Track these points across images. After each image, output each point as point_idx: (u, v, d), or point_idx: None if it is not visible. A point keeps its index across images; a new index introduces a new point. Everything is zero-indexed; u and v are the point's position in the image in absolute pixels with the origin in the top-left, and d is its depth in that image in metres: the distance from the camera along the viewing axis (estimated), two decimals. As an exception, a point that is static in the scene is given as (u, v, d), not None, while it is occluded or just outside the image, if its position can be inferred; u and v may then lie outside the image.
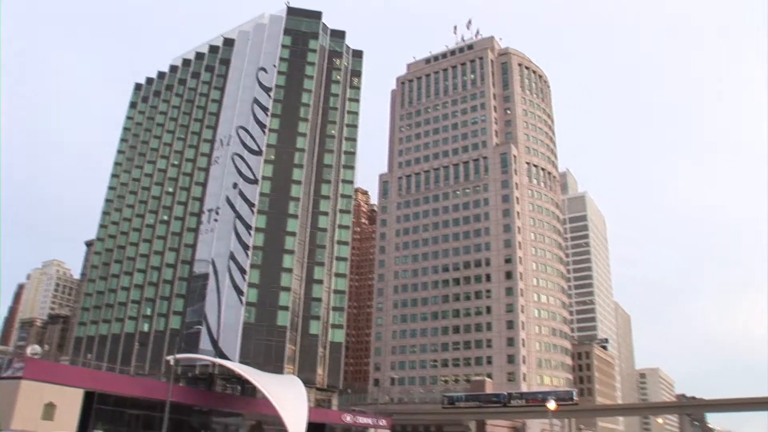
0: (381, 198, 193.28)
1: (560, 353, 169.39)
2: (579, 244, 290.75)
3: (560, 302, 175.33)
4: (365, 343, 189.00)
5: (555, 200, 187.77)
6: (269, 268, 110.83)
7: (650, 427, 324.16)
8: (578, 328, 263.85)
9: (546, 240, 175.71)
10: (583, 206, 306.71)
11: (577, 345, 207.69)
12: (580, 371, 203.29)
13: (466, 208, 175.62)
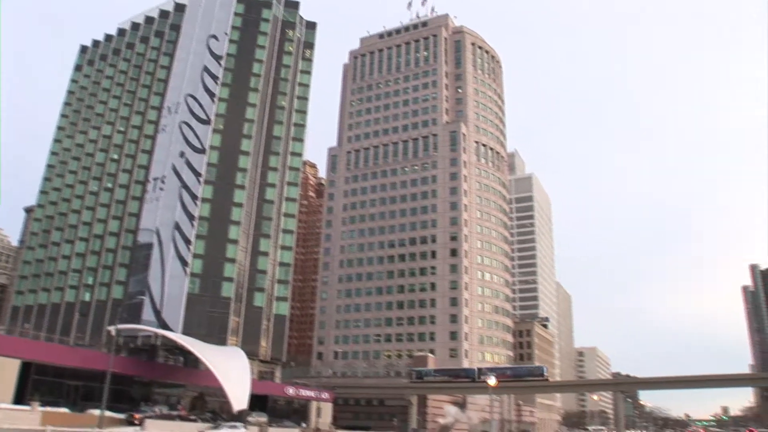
0: (329, 172, 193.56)
1: (502, 331, 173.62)
2: (524, 224, 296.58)
3: (503, 281, 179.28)
4: (310, 317, 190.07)
5: (502, 180, 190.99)
6: (214, 239, 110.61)
7: (586, 403, 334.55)
8: (520, 306, 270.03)
9: (492, 219, 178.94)
10: (529, 187, 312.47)
11: (518, 323, 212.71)
12: (521, 349, 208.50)
13: (414, 184, 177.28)
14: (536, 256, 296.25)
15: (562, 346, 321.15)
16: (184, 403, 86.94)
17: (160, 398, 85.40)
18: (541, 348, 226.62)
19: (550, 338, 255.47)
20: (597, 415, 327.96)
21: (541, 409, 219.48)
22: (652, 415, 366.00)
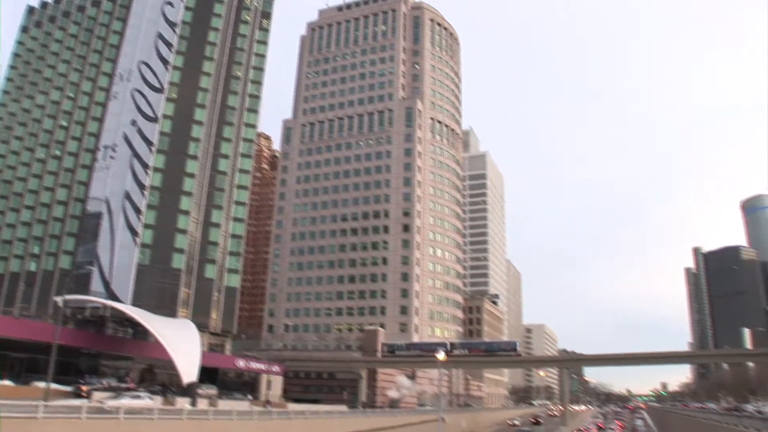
0: (283, 144, 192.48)
1: (452, 306, 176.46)
2: (477, 201, 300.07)
3: (455, 257, 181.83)
4: (261, 290, 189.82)
5: (456, 157, 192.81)
6: (166, 210, 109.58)
7: (532, 378, 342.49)
8: (471, 283, 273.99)
9: (445, 196, 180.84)
10: (483, 165, 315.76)
11: (468, 299, 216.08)
12: (471, 324, 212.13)
13: (368, 159, 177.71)
14: (488, 233, 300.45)
15: (511, 322, 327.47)
16: (132, 375, 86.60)
17: (108, 370, 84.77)
18: (491, 324, 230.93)
19: (500, 315, 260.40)
20: (543, 390, 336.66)
21: (489, 384, 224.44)
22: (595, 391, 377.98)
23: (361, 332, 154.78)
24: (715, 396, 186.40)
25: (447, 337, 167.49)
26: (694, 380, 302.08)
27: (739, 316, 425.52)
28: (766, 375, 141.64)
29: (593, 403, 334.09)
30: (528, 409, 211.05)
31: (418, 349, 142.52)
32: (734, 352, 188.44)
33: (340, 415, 78.53)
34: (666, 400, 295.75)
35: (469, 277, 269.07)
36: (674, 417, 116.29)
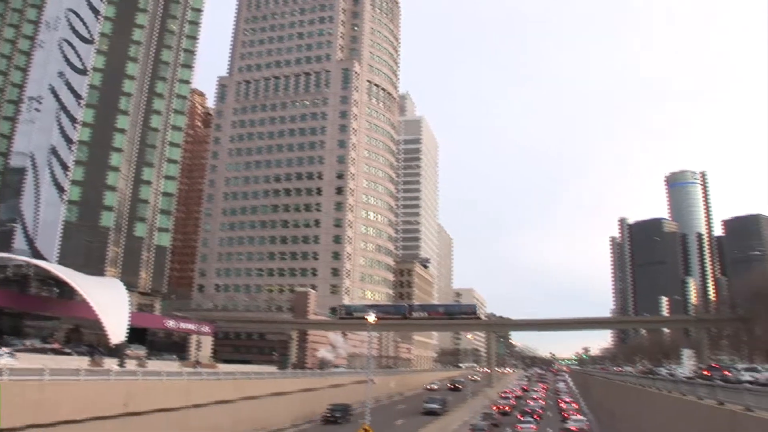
0: (218, 102, 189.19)
1: (383, 269, 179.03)
2: (411, 165, 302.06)
3: (387, 220, 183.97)
4: (192, 249, 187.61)
5: (392, 121, 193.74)
6: (94, 166, 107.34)
7: (461, 341, 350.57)
8: (402, 246, 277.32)
9: (379, 159, 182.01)
10: (418, 130, 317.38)
11: (400, 263, 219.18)
12: (401, 288, 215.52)
13: (304, 120, 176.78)
14: (420, 198, 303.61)
15: (441, 286, 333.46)
16: (58, 336, 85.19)
17: (33, 331, 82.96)
18: (421, 288, 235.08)
19: (430, 279, 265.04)
20: (470, 353, 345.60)
21: (418, 346, 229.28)
22: (521, 354, 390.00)
23: (292, 293, 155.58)
24: (633, 360, 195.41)
25: (378, 299, 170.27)
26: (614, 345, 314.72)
27: (658, 285, 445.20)
28: (679, 340, 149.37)
29: (519, 366, 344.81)
30: (455, 371, 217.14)
31: (376, 311, 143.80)
32: (651, 319, 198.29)
33: (270, 375, 79.63)
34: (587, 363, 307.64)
35: (401, 241, 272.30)
36: (594, 379, 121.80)
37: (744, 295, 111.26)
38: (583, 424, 72.15)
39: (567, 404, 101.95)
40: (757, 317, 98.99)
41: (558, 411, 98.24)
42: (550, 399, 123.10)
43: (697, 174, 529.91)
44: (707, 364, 69.33)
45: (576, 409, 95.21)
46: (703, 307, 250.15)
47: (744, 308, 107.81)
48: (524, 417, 79.58)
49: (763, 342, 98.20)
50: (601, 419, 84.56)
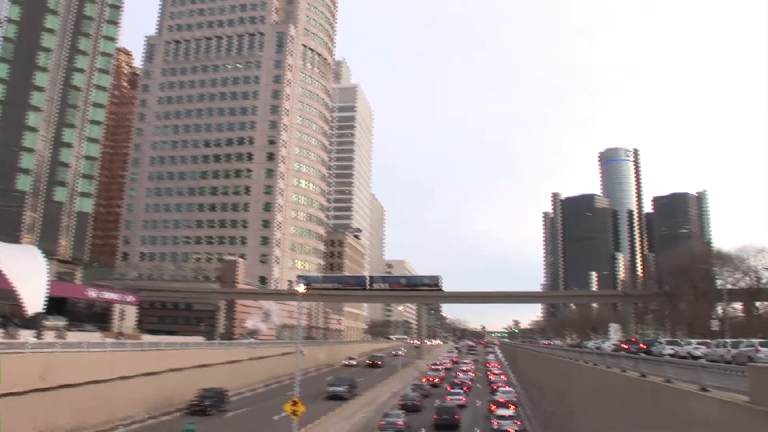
0: (146, 62, 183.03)
1: (314, 239, 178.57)
2: (344, 134, 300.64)
3: (319, 189, 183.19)
4: (115, 215, 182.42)
5: (326, 88, 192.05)
6: (9, 126, 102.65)
7: (391, 313, 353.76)
8: (334, 216, 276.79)
9: (312, 126, 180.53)
10: (353, 97, 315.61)
11: (331, 232, 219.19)
12: (332, 258, 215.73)
13: (236, 83, 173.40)
14: (353, 167, 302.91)
15: (373, 257, 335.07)
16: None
17: (-62, 302, 79.48)
18: (352, 258, 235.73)
19: (362, 249, 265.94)
20: (401, 325, 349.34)
21: (349, 318, 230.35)
22: (452, 326, 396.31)
23: (221, 262, 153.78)
24: (562, 333, 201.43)
25: (308, 269, 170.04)
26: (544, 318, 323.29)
27: (588, 260, 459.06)
28: (607, 314, 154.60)
29: (449, 339, 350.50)
30: (385, 343, 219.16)
31: (335, 282, 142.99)
32: (581, 293, 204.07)
33: (196, 346, 78.59)
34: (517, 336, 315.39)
35: (333, 211, 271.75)
36: (523, 352, 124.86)
37: (669, 272, 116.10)
38: (512, 395, 74.06)
39: (496, 376, 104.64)
40: (681, 293, 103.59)
41: (487, 383, 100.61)
42: (480, 371, 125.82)
43: (630, 151, 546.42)
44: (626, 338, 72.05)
45: (505, 381, 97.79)
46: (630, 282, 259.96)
47: (669, 284, 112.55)
48: (454, 389, 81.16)
49: (686, 317, 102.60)
50: (529, 391, 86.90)
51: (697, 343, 42.74)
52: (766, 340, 38.14)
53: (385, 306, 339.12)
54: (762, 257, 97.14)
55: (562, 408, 56.98)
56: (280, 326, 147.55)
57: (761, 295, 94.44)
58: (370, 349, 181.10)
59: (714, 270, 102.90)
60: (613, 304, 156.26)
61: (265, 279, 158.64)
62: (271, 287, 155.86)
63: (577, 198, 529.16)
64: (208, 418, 55.93)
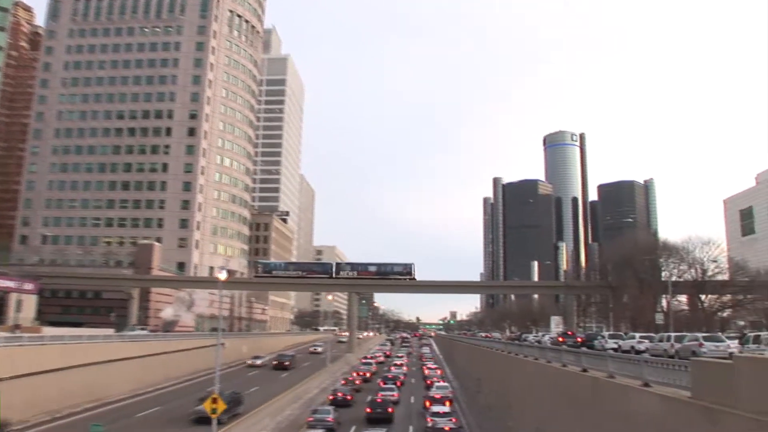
0: (49, 21, 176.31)
1: (238, 222, 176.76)
2: (273, 109, 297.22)
3: (244, 168, 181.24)
4: (13, 193, 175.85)
5: (255, 58, 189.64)
6: None
7: (320, 302, 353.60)
8: (260, 198, 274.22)
9: (238, 100, 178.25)
10: (283, 69, 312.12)
11: (256, 215, 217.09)
12: (257, 242, 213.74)
13: (154, 49, 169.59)
14: (282, 145, 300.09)
15: (301, 242, 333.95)
16: None
17: None
18: (279, 243, 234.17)
19: (289, 234, 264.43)
20: (331, 315, 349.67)
21: (274, 307, 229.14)
22: (385, 317, 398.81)
23: (134, 246, 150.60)
24: (501, 326, 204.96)
25: (231, 255, 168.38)
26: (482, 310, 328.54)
27: (530, 249, 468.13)
28: (548, 306, 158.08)
29: (382, 331, 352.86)
30: (313, 335, 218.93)
31: (298, 269, 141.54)
32: (521, 284, 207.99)
33: (105, 339, 76.85)
34: (454, 328, 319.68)
35: (259, 192, 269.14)
36: (460, 345, 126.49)
37: (614, 263, 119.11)
38: (448, 391, 75.08)
39: (431, 371, 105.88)
40: (625, 285, 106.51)
41: (422, 378, 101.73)
42: (414, 365, 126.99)
43: (576, 135, 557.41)
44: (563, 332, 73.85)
45: (441, 376, 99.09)
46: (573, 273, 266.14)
47: (613, 276, 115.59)
48: (386, 384, 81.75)
49: (630, 310, 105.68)
50: (466, 386, 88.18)
51: (640, 337, 44.11)
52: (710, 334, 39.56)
53: (313, 295, 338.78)
54: (708, 249, 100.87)
55: (500, 403, 58.02)
56: (199, 316, 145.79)
57: (706, 287, 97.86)
58: (297, 341, 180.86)
59: (659, 261, 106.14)
60: (555, 296, 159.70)
61: (183, 265, 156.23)
62: (191, 274, 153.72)
63: (519, 183, 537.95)
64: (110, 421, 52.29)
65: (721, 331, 65.33)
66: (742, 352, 29.85)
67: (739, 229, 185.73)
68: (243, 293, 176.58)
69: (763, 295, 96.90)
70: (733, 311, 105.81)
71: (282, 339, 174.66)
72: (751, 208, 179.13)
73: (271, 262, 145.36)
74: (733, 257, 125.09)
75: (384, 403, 62.98)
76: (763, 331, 38.65)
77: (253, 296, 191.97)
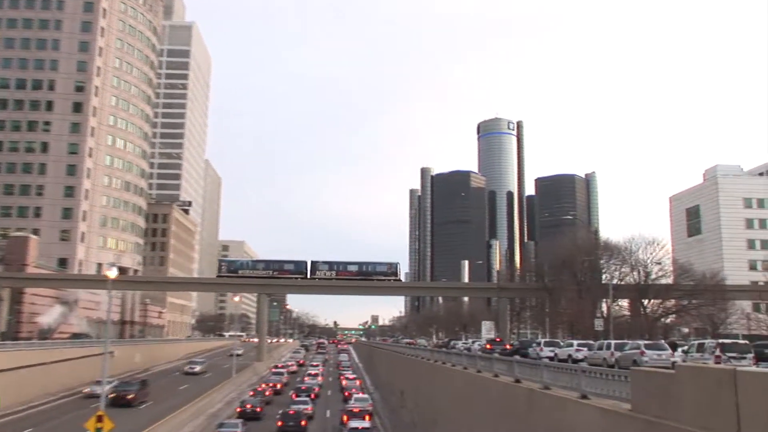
0: None
1: (132, 212, 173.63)
2: (175, 84, 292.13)
3: (141, 151, 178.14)
4: None
5: (154, 24, 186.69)
6: None
7: (226, 305, 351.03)
8: (159, 185, 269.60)
9: (134, 72, 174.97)
10: (188, 39, 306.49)
11: (154, 205, 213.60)
12: (154, 236, 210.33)
13: (31, 6, 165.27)
14: (185, 125, 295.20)
15: (205, 236, 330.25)
16: None
17: None
18: (179, 237, 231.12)
19: (192, 226, 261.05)
20: (238, 319, 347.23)
21: (173, 310, 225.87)
22: (299, 321, 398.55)
23: (5, 239, 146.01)
24: (428, 331, 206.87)
25: (123, 249, 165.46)
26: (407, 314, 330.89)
27: (460, 246, 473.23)
28: (479, 310, 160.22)
29: (295, 336, 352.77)
30: (217, 341, 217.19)
31: (269, 268, 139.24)
32: (450, 285, 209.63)
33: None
34: (375, 334, 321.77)
35: (157, 178, 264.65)
36: (382, 353, 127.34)
37: (551, 263, 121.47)
38: (367, 404, 75.41)
39: (350, 381, 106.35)
40: (562, 288, 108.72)
41: (339, 389, 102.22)
42: (331, 375, 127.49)
43: (513, 123, 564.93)
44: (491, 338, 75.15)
45: (360, 387, 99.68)
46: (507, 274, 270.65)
47: (550, 277, 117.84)
48: (299, 396, 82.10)
49: (568, 315, 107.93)
50: (387, 398, 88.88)
51: (578, 344, 45.14)
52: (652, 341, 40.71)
53: (218, 296, 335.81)
54: (652, 250, 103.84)
55: (426, 417, 58.52)
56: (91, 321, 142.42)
57: (649, 291, 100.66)
58: (198, 349, 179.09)
59: (600, 263, 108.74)
60: (487, 299, 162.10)
61: (66, 261, 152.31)
62: (75, 271, 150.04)
63: (450, 175, 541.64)
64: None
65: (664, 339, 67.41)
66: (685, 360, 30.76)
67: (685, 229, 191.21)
68: (136, 295, 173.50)
69: (708, 300, 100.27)
70: (677, 317, 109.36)
71: (181, 346, 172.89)
72: (698, 206, 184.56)
73: (236, 260, 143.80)
74: (678, 259, 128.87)
75: (297, 416, 63.28)
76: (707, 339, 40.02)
77: (148, 297, 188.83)
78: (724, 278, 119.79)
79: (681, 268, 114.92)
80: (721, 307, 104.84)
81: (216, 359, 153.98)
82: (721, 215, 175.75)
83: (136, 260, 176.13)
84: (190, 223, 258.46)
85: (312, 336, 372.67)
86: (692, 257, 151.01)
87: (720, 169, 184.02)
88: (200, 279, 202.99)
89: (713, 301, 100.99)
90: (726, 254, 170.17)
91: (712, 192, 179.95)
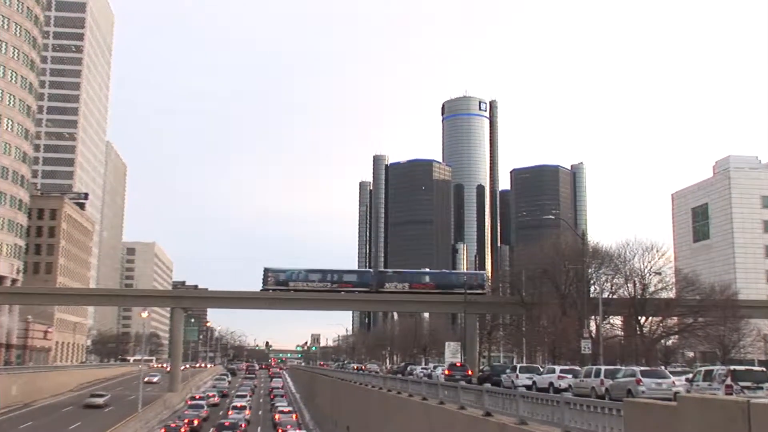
0: None
1: (10, 207, 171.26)
2: (66, 46, 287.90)
3: (23, 130, 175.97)
4: None
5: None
6: None
7: (131, 322, 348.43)
8: (45, 172, 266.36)
9: (14, 30, 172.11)
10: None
11: (39, 197, 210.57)
12: (39, 236, 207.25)
13: None
14: (80, 99, 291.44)
15: (106, 237, 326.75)
16: None
17: None
18: (72, 238, 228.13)
19: (89, 225, 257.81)
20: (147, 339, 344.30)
21: (63, 329, 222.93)
22: (223, 342, 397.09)
23: None
24: (380, 354, 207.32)
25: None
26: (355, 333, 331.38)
27: (420, 250, 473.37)
28: (441, 329, 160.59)
29: (218, 360, 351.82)
30: (118, 368, 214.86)
31: (326, 280, 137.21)
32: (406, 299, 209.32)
33: None
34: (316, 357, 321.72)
35: (43, 164, 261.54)
36: (324, 380, 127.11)
37: (529, 273, 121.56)
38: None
39: (284, 415, 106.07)
40: (542, 302, 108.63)
41: (272, 425, 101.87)
42: (261, 407, 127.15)
43: (486, 103, 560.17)
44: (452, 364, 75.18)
45: (296, 423, 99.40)
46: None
47: (528, 290, 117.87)
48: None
49: (549, 335, 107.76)
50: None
51: (561, 370, 45.14)
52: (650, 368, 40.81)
53: (122, 311, 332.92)
54: (650, 257, 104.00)
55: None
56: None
57: (647, 307, 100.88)
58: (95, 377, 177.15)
59: (588, 273, 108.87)
60: (452, 315, 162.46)
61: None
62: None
63: (408, 165, 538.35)
64: None
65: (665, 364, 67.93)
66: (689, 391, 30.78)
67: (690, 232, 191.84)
68: (15, 310, 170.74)
69: (717, 318, 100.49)
70: (680, 338, 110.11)
71: (74, 374, 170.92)
72: (706, 205, 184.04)
73: (286, 269, 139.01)
74: (681, 269, 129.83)
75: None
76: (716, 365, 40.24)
77: (30, 314, 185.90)
78: (736, 292, 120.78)
79: (685, 279, 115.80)
80: (733, 326, 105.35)
81: (119, 389, 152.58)
82: (734, 216, 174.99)
83: (14, 267, 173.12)
84: (87, 220, 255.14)
85: (239, 360, 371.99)
86: (698, 266, 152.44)
87: (733, 161, 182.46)
88: (109, 290, 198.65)
89: (723, 320, 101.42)
90: (739, 263, 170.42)
91: (723, 188, 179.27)
